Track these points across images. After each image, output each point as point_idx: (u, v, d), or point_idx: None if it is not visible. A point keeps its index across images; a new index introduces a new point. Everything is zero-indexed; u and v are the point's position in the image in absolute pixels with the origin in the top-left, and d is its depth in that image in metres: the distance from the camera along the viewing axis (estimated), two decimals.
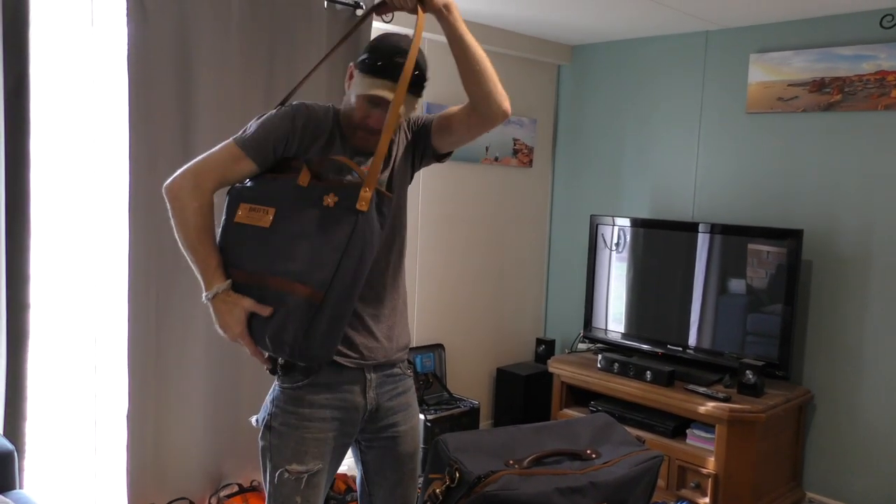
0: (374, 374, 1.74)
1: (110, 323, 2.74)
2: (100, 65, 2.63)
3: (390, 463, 1.81)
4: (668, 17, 3.37)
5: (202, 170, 1.64)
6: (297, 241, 1.57)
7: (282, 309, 1.55)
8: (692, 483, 3.09)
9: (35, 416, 2.46)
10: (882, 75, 3.03)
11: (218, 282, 1.61)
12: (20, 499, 2.07)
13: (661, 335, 3.53)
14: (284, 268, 1.56)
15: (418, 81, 1.66)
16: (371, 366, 1.73)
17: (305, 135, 1.67)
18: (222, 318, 1.61)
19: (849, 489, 3.22)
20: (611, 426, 2.04)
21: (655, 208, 3.82)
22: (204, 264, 1.62)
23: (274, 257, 1.58)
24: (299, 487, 1.67)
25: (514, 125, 4.00)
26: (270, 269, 1.58)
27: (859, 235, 3.16)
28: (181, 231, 1.64)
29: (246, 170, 1.66)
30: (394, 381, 1.79)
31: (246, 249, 1.62)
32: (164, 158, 2.63)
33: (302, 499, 1.68)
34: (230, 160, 1.64)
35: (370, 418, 1.76)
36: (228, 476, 2.95)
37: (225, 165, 1.65)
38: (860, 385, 3.18)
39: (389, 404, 1.78)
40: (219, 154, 1.65)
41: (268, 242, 1.59)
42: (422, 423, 3.27)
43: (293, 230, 1.58)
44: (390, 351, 1.77)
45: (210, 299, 1.61)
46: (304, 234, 1.57)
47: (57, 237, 2.62)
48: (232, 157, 1.64)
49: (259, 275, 1.59)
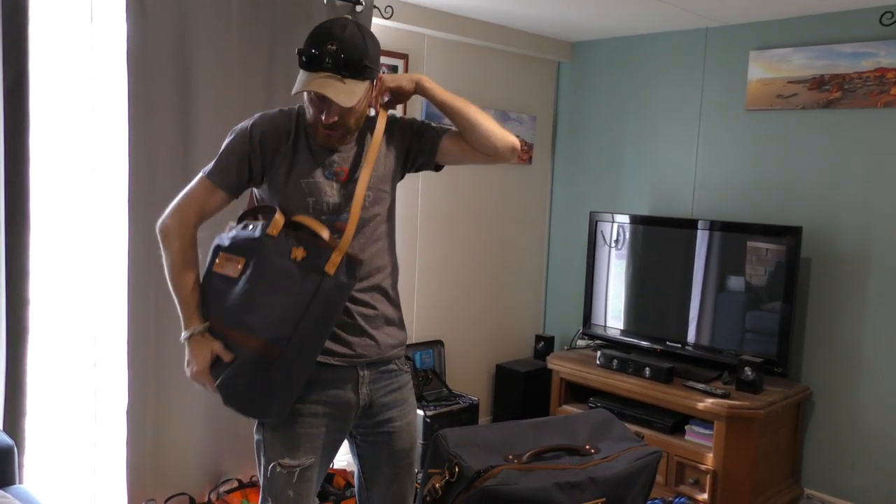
0: (366, 370, 1.75)
1: (110, 319, 2.74)
2: (99, 62, 2.63)
3: (387, 458, 1.81)
4: (667, 13, 3.37)
5: (184, 207, 1.69)
6: (261, 294, 1.58)
7: (237, 361, 1.58)
8: (691, 479, 3.10)
9: (35, 411, 2.46)
10: (882, 73, 3.03)
11: (195, 323, 1.65)
12: (20, 494, 2.07)
13: (660, 332, 3.53)
14: (244, 320, 1.58)
15: (351, 64, 1.58)
16: (364, 363, 1.74)
17: (266, 148, 1.68)
18: (191, 357, 1.65)
19: (847, 485, 3.23)
20: (610, 422, 2.05)
21: (655, 205, 3.82)
22: (184, 304, 1.67)
23: (236, 309, 1.60)
24: (291, 481, 1.69)
25: (514, 122, 4.00)
26: (231, 320, 1.60)
27: (858, 233, 3.16)
28: (167, 271, 1.69)
29: (220, 200, 1.70)
30: (389, 377, 1.79)
31: (216, 297, 1.65)
32: (164, 155, 2.63)
33: (294, 492, 1.70)
34: (205, 194, 1.69)
35: (364, 414, 1.77)
36: (228, 471, 2.95)
37: (202, 199, 1.69)
38: (859, 382, 3.18)
39: (384, 400, 1.78)
40: (195, 189, 1.70)
41: (233, 293, 1.61)
42: (421, 419, 3.28)
43: (258, 282, 1.59)
44: (384, 348, 1.77)
45: (186, 339, 1.65)
46: (268, 287, 1.58)
47: (56, 234, 2.62)
48: (206, 191, 1.69)
49: (221, 324, 1.62)
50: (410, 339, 3.68)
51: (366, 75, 1.61)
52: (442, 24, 3.51)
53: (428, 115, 3.57)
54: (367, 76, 1.62)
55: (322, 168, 1.69)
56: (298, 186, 1.68)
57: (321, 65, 1.56)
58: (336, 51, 1.56)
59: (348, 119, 1.65)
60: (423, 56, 3.57)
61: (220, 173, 1.69)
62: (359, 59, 1.58)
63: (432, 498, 1.77)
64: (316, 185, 1.68)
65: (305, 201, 1.67)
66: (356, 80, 1.59)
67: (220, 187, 1.69)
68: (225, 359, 1.61)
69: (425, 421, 3.28)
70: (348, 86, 1.58)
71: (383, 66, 3.39)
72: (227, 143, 1.71)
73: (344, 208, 1.68)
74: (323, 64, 1.56)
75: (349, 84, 1.58)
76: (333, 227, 1.67)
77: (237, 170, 1.68)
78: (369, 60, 1.61)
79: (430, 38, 3.60)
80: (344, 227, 1.66)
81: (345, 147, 1.72)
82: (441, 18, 3.50)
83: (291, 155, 1.69)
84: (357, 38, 1.59)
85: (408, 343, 1.85)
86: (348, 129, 1.68)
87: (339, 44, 1.56)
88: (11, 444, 2.19)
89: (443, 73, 3.66)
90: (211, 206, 1.70)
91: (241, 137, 1.69)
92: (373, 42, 1.64)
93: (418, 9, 3.40)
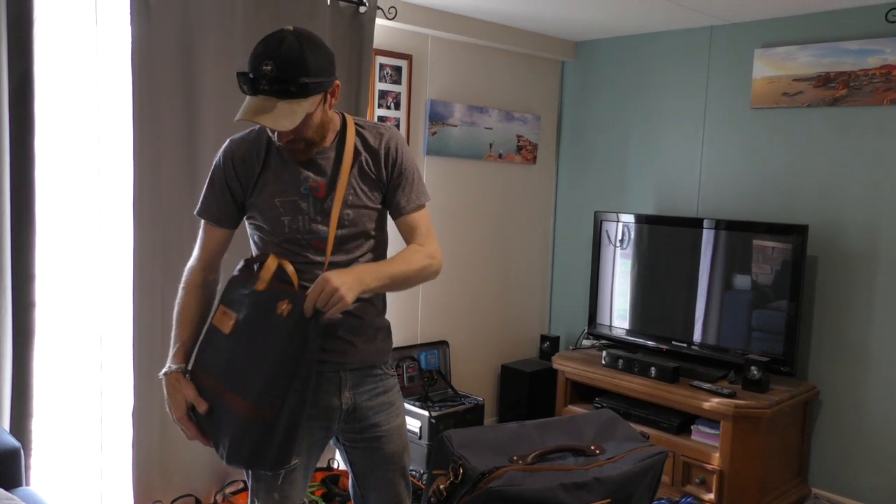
0: (348, 374, 1.74)
1: (116, 320, 2.75)
2: (104, 64, 2.64)
3: (379, 463, 1.81)
4: (672, 12, 3.36)
5: (196, 249, 1.75)
6: (251, 357, 1.57)
7: (238, 426, 1.57)
8: (697, 479, 3.09)
9: (41, 413, 2.47)
10: (888, 69, 3.02)
11: (174, 363, 1.67)
12: (27, 496, 2.08)
13: (665, 331, 3.52)
14: (239, 386, 1.57)
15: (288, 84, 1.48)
16: (346, 368, 1.74)
17: (239, 171, 1.68)
18: (168, 399, 1.66)
19: (854, 485, 3.21)
20: (615, 422, 2.04)
21: (660, 204, 3.81)
22: (173, 340, 1.70)
23: (230, 371, 1.60)
24: (276, 483, 1.70)
25: (518, 122, 4.00)
26: (227, 384, 1.60)
27: (865, 231, 3.14)
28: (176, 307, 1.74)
29: (219, 235, 1.73)
30: (374, 381, 1.79)
31: (212, 353, 1.66)
32: (169, 157, 2.64)
33: (279, 494, 1.71)
34: (205, 233, 1.74)
35: (349, 418, 1.77)
36: (234, 473, 2.96)
37: (205, 238, 1.74)
38: (866, 381, 3.17)
39: (369, 404, 1.77)
40: (202, 237, 1.75)
41: (226, 351, 1.62)
42: (426, 419, 3.28)
43: (247, 343, 1.59)
44: (367, 354, 1.77)
45: (162, 375, 1.67)
46: (257, 349, 1.57)
47: (62, 235, 2.63)
48: (204, 230, 1.74)
49: (218, 386, 1.62)
50: (415, 340, 3.68)
51: (308, 92, 1.50)
52: (445, 25, 3.51)
53: (432, 113, 3.57)
54: (311, 92, 1.51)
55: (298, 185, 1.66)
56: (273, 206, 1.65)
57: (259, 88, 1.48)
58: (271, 71, 1.46)
59: (305, 134, 1.58)
60: (427, 56, 3.56)
61: (207, 211, 1.72)
62: (296, 77, 1.48)
63: (437, 499, 1.77)
64: (292, 203, 1.65)
65: (281, 220, 1.65)
66: (297, 100, 1.50)
67: (212, 223, 1.72)
68: (199, 408, 1.62)
69: (430, 421, 3.28)
70: (288, 107, 1.49)
71: (387, 67, 3.39)
72: (208, 178, 1.73)
73: (319, 225, 1.66)
74: (260, 87, 1.48)
75: (289, 105, 1.49)
76: (311, 246, 1.66)
77: (217, 202, 1.70)
78: (312, 75, 1.50)
79: (434, 39, 3.60)
80: (321, 245, 1.66)
81: (320, 157, 1.67)
82: (445, 19, 3.50)
83: (265, 175, 1.67)
84: (294, 53, 1.48)
85: (413, 344, 1.84)
86: (310, 141, 1.61)
87: (273, 63, 1.46)
88: (18, 445, 2.19)
89: (447, 73, 3.66)
90: (213, 243, 1.73)
91: (216, 168, 1.71)
92: (317, 52, 1.52)
93: (422, 9, 3.40)
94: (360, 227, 1.70)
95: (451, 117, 3.67)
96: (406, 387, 3.53)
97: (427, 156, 3.62)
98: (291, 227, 1.65)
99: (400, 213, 1.74)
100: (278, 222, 1.65)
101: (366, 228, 1.71)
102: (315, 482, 3.02)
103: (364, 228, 1.71)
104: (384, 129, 1.75)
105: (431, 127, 3.59)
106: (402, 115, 3.47)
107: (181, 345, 1.69)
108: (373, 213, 1.72)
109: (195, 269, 1.74)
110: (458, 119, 3.70)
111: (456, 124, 3.69)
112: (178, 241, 2.65)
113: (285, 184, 1.65)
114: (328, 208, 1.65)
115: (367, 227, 1.71)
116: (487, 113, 3.83)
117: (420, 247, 1.73)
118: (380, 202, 1.74)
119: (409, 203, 1.73)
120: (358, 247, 1.71)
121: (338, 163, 1.67)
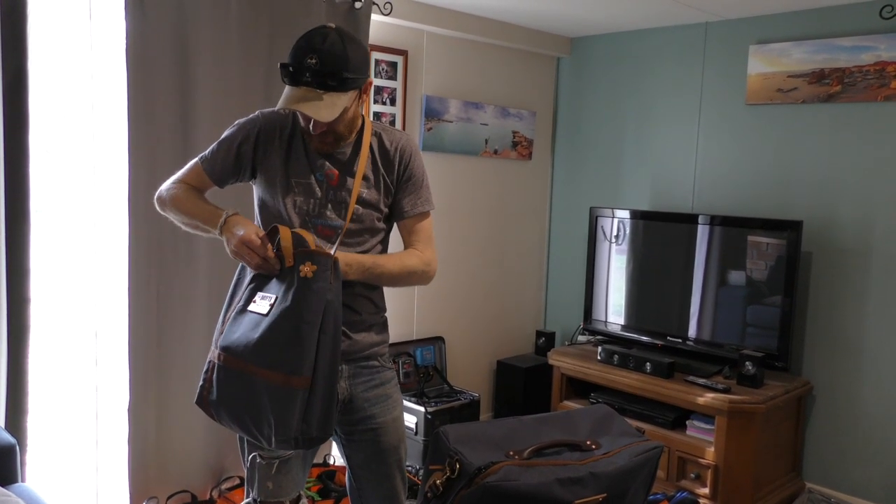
0: (345, 365, 1.76)
1: (111, 316, 2.74)
2: (98, 59, 2.63)
3: (375, 456, 1.82)
4: (667, 8, 3.37)
5: (176, 176, 1.79)
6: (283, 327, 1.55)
7: (280, 402, 1.54)
8: (692, 474, 3.10)
9: (36, 409, 2.46)
10: (882, 66, 3.03)
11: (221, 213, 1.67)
12: (22, 492, 2.07)
13: (660, 327, 3.53)
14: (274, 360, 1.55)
15: (331, 78, 1.57)
16: (343, 359, 1.74)
17: (260, 140, 1.73)
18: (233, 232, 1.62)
19: (848, 479, 3.23)
20: (611, 417, 2.05)
21: (655, 200, 3.82)
22: (204, 217, 1.70)
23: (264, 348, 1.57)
24: (270, 472, 1.71)
25: (514, 118, 4.00)
26: (261, 362, 1.56)
27: (859, 226, 3.16)
28: (174, 215, 1.75)
29: (203, 182, 1.77)
30: (370, 373, 1.80)
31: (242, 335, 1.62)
32: (164, 152, 2.63)
33: (274, 484, 1.72)
34: (194, 176, 1.78)
35: (345, 410, 1.78)
36: (230, 469, 2.96)
37: (190, 175, 1.78)
38: (859, 376, 3.18)
39: (365, 395, 1.79)
40: (188, 170, 1.79)
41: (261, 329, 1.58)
42: (423, 415, 3.28)
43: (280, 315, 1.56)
44: (363, 346, 1.78)
45: (222, 227, 1.66)
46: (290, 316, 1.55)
47: (57, 231, 2.62)
48: (195, 173, 1.77)
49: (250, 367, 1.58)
50: (411, 336, 3.69)
51: (347, 86, 1.61)
52: (441, 20, 3.50)
53: (428, 109, 3.57)
54: (350, 87, 1.61)
55: (314, 170, 1.73)
56: (289, 184, 1.71)
57: (301, 79, 1.58)
58: (315, 64, 1.56)
59: (337, 127, 1.68)
60: (423, 52, 3.56)
61: (210, 160, 1.76)
62: (338, 71, 1.58)
63: (433, 494, 1.77)
64: (308, 185, 1.72)
65: (294, 200, 1.71)
66: (337, 93, 1.59)
67: (206, 172, 1.76)
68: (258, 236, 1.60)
69: (426, 417, 3.29)
70: (329, 100, 1.58)
71: (383, 63, 3.39)
72: (226, 133, 1.77)
73: (329, 212, 1.72)
74: (303, 79, 1.57)
75: (330, 98, 1.58)
76: (316, 231, 1.70)
77: (222, 157, 1.74)
78: (352, 71, 1.60)
79: (430, 35, 3.59)
80: (326, 231, 1.70)
81: (338, 151, 1.75)
82: (440, 14, 3.49)
83: (284, 152, 1.73)
84: (337, 48, 1.58)
85: (409, 339, 1.85)
86: (339, 135, 1.71)
87: (318, 56, 1.56)
88: (13, 442, 2.19)
89: (442, 69, 3.65)
90: (195, 182, 1.78)
91: (240, 128, 1.75)
92: (356, 50, 1.63)
93: (417, 5, 3.40)
94: (367, 224, 1.76)
95: (446, 113, 3.66)
96: (402, 382, 3.53)
97: (423, 152, 3.62)
98: (302, 208, 1.71)
99: (403, 216, 1.80)
100: (290, 201, 1.71)
101: (371, 227, 1.77)
102: (311, 478, 3.02)
103: (369, 226, 1.77)
104: (400, 134, 1.83)
105: (427, 123, 3.59)
106: (397, 110, 3.47)
107: (212, 208, 1.71)
108: (379, 214, 1.78)
109: (174, 183, 1.77)
110: (453, 115, 3.70)
111: (451, 120, 3.69)
112: (172, 237, 2.64)
113: (303, 167, 1.72)
114: (340, 199, 1.72)
115: (372, 225, 1.77)
116: (483, 109, 3.82)
117: (418, 252, 1.80)
118: (387, 205, 1.80)
119: (414, 208, 1.80)
120: (360, 243, 1.76)
121: (353, 158, 1.74)
